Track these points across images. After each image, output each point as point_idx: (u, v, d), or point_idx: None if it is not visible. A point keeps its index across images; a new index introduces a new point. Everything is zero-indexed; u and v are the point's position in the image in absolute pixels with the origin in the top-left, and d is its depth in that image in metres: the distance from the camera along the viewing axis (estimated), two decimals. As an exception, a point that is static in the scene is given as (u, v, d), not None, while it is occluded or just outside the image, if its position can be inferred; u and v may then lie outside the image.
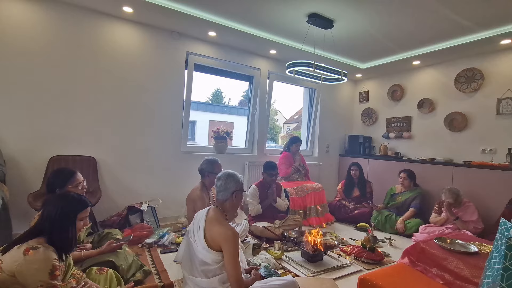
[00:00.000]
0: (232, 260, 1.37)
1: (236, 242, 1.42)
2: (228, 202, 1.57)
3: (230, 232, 1.43)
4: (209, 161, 2.56)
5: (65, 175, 1.72)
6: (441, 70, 4.02)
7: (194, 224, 1.55)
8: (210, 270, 1.42)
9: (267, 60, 4.19)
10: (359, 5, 2.65)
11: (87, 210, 1.37)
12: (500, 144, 3.38)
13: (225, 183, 1.56)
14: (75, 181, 1.74)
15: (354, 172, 4.04)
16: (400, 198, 3.59)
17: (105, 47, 3.02)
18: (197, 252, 1.46)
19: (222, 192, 1.56)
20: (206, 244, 1.43)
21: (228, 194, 1.56)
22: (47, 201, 1.33)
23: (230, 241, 1.39)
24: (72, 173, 1.73)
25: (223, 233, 1.42)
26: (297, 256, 2.51)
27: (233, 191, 1.56)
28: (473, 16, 2.74)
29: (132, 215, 2.93)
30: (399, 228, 3.28)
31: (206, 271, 1.43)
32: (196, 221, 1.55)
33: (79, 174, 1.78)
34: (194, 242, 1.49)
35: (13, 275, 1.09)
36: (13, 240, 1.21)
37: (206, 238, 1.45)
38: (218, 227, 1.45)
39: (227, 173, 1.60)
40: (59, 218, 1.24)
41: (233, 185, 1.56)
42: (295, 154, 4.02)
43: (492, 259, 1.10)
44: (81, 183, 1.79)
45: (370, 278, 1.71)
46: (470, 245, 1.97)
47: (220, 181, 1.57)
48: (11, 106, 2.59)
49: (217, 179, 1.60)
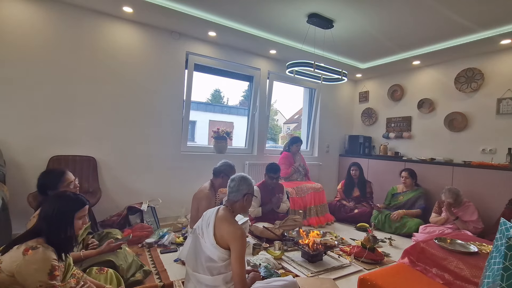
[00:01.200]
0: (239, 259, 1.40)
1: (244, 242, 1.45)
2: (238, 203, 1.62)
3: (239, 231, 1.46)
4: (229, 165, 2.60)
5: (55, 176, 1.67)
6: (441, 70, 4.02)
7: (203, 221, 1.58)
8: (215, 268, 1.45)
9: (267, 60, 4.19)
10: (359, 5, 2.65)
11: (85, 208, 1.36)
12: (500, 144, 3.38)
13: (238, 185, 1.61)
14: (65, 180, 1.69)
15: (354, 172, 4.04)
16: (402, 197, 3.59)
17: (105, 47, 3.02)
18: (204, 248, 1.48)
19: (234, 193, 1.61)
20: (214, 241, 1.46)
21: (240, 196, 1.61)
22: (44, 201, 1.32)
23: (238, 240, 1.43)
24: (62, 173, 1.68)
25: (232, 232, 1.45)
26: (297, 256, 2.51)
27: (244, 194, 1.61)
28: (473, 16, 2.74)
29: (132, 215, 2.93)
30: (395, 215, 3.28)
31: (211, 268, 1.45)
32: (206, 218, 1.57)
33: (69, 173, 1.72)
34: (202, 238, 1.51)
35: (12, 275, 1.09)
36: (12, 240, 1.21)
37: (215, 235, 1.48)
38: (227, 225, 1.48)
39: (241, 175, 1.66)
40: (56, 218, 1.23)
41: (245, 188, 1.62)
42: (295, 154, 4.02)
43: (492, 259, 1.10)
44: (73, 181, 1.74)
45: (370, 278, 1.71)
46: (470, 245, 1.97)
47: (234, 183, 1.62)
48: (11, 106, 2.59)
49: (231, 180, 1.65)
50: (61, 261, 1.22)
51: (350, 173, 4.08)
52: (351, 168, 4.09)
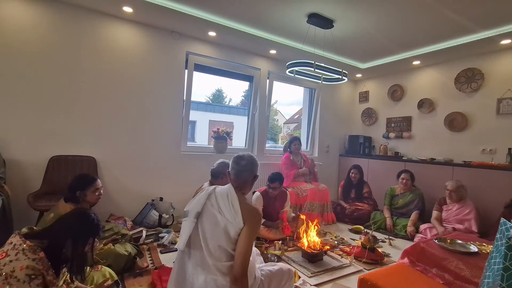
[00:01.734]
0: (250, 239, 1.29)
1: (260, 223, 1.38)
2: (247, 185, 1.49)
3: (259, 212, 1.40)
4: (227, 164, 2.45)
5: (87, 180, 1.91)
6: (441, 70, 4.02)
7: (218, 196, 1.41)
8: (226, 244, 1.31)
9: (267, 60, 4.19)
10: (359, 5, 2.65)
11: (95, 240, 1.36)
12: (500, 144, 3.38)
13: (251, 164, 1.48)
14: (94, 186, 1.91)
15: (354, 175, 4.01)
16: (402, 201, 3.55)
17: (105, 47, 3.02)
18: (221, 221, 1.32)
19: (246, 173, 1.46)
20: (241, 214, 1.32)
21: (251, 176, 1.48)
22: (69, 214, 1.32)
23: (257, 220, 1.36)
24: (93, 179, 1.93)
25: (251, 209, 1.36)
26: (297, 256, 2.51)
27: (255, 175, 1.51)
28: (473, 16, 2.74)
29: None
30: (410, 231, 3.18)
31: (221, 246, 1.30)
32: (221, 194, 1.41)
33: (99, 181, 1.97)
34: (220, 213, 1.35)
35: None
36: (34, 231, 1.19)
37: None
38: (245, 204, 1.37)
39: (249, 154, 1.53)
40: (69, 232, 1.21)
41: (256, 168, 1.51)
42: (296, 154, 4.00)
43: (492, 259, 1.10)
44: (99, 189, 1.95)
45: (370, 278, 1.71)
46: (470, 245, 1.97)
47: (245, 161, 1.47)
48: (11, 106, 2.59)
49: (240, 158, 1.48)
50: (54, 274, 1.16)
51: (350, 175, 4.07)
52: (351, 171, 4.06)
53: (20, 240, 1.11)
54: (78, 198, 1.82)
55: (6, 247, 1.10)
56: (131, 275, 2.00)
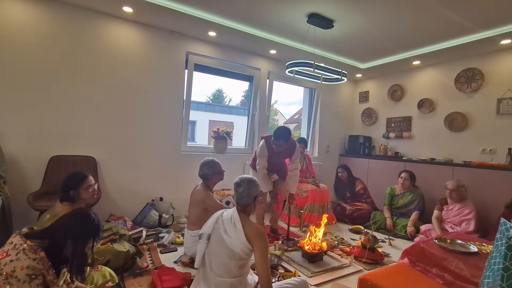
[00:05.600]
0: (264, 257, 1.42)
1: (267, 241, 1.48)
2: (249, 207, 1.60)
3: (262, 229, 1.51)
4: (208, 164, 2.45)
5: (79, 178, 1.85)
6: (441, 70, 4.02)
7: (225, 221, 1.54)
8: (231, 264, 1.46)
9: (267, 60, 4.19)
10: (359, 5, 2.65)
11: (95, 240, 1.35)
12: (500, 144, 3.38)
13: (248, 189, 1.57)
14: (86, 183, 1.86)
15: (341, 174, 4.12)
16: (402, 201, 3.56)
17: (105, 47, 3.02)
18: (227, 242, 1.46)
19: (245, 198, 1.58)
20: (244, 234, 1.46)
21: (251, 199, 1.58)
22: (70, 214, 1.31)
23: (263, 237, 1.46)
24: (85, 177, 1.87)
25: (255, 230, 1.48)
26: (297, 256, 2.51)
27: (255, 196, 1.60)
28: (473, 16, 2.74)
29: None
30: (410, 232, 3.19)
31: (227, 265, 1.46)
32: (227, 218, 1.55)
33: (90, 178, 1.91)
34: (226, 234, 1.49)
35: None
36: (34, 231, 1.19)
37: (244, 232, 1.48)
38: (248, 224, 1.51)
39: (247, 179, 1.61)
40: (71, 232, 1.21)
41: (254, 191, 1.59)
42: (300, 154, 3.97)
43: (492, 259, 1.10)
44: (92, 185, 1.90)
45: (370, 278, 1.71)
46: (470, 245, 1.97)
47: (242, 187, 1.58)
48: (11, 106, 2.59)
49: (238, 186, 1.59)
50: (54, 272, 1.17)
51: (338, 175, 4.17)
52: (337, 170, 4.20)
53: (21, 240, 1.11)
54: (72, 197, 1.79)
55: (6, 247, 1.10)
56: (131, 275, 2.00)
